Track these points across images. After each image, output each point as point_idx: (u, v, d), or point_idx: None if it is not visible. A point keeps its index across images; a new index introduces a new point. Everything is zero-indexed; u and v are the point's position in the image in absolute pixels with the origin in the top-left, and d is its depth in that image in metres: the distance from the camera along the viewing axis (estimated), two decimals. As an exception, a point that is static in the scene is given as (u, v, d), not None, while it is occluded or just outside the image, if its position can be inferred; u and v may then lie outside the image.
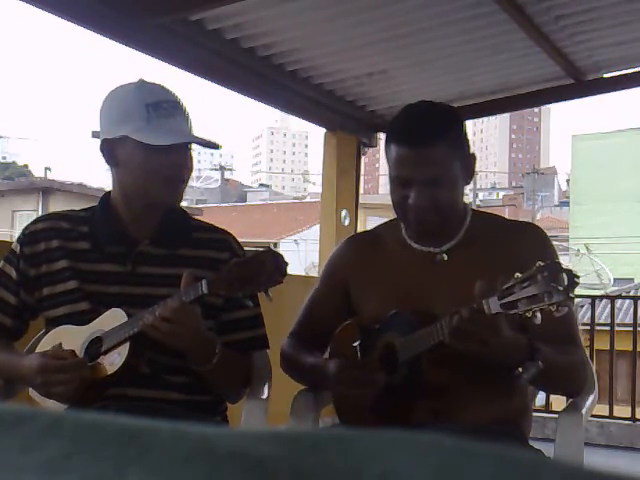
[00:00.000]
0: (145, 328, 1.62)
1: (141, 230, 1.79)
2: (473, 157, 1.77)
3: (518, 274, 1.42)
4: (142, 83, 1.78)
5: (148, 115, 1.70)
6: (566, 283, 1.38)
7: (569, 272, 1.39)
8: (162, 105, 1.72)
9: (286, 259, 1.57)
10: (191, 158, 1.79)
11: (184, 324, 1.60)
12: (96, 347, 1.69)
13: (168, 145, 1.69)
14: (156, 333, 1.61)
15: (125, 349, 1.65)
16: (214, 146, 1.82)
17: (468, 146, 1.77)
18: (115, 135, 1.73)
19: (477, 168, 1.82)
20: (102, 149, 1.76)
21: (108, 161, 1.76)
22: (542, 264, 1.40)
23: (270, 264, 1.53)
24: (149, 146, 1.70)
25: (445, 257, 1.77)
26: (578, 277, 1.40)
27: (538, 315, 1.40)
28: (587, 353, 1.88)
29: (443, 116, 1.75)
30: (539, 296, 1.39)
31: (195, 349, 1.67)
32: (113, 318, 1.69)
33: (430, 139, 1.67)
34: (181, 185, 1.77)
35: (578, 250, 22.87)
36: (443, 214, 1.71)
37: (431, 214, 1.69)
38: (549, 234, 1.87)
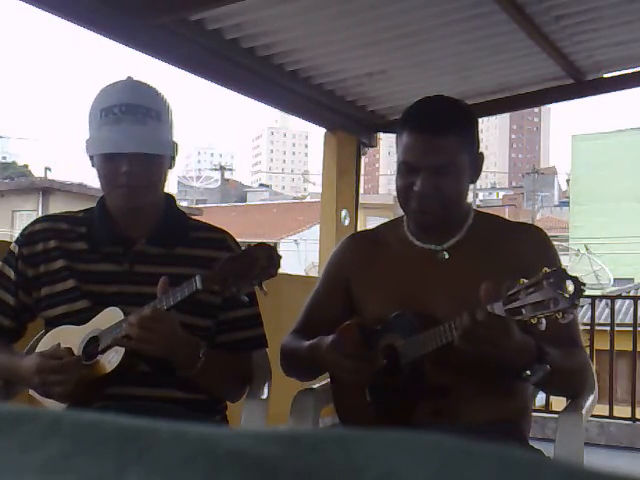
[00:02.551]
0: (117, 340, 1.62)
1: (138, 230, 1.80)
2: (481, 156, 1.78)
3: (524, 280, 1.41)
4: (114, 85, 1.77)
5: (100, 121, 1.70)
6: (572, 290, 1.37)
7: (575, 279, 1.38)
8: (112, 110, 1.69)
9: (280, 254, 1.57)
10: (154, 163, 1.72)
11: (155, 332, 1.59)
12: (94, 346, 1.69)
13: (111, 153, 1.69)
14: (129, 342, 1.61)
15: (122, 348, 1.65)
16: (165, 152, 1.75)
17: (478, 145, 1.77)
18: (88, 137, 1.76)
19: (479, 168, 1.83)
20: (85, 149, 1.78)
21: (90, 162, 1.77)
22: (548, 270, 1.39)
23: (263, 258, 1.53)
24: (97, 154, 1.72)
25: (446, 255, 1.77)
26: (584, 284, 1.39)
27: (543, 321, 1.39)
28: (587, 353, 1.89)
29: (458, 109, 1.77)
30: (544, 303, 1.38)
31: (173, 356, 1.66)
32: (110, 317, 1.69)
33: (442, 128, 1.68)
34: (139, 190, 1.72)
35: (578, 250, 22.87)
36: (446, 206, 1.71)
37: (434, 204, 1.69)
38: (549, 234, 1.87)
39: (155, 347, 1.61)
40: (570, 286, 1.37)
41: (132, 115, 1.69)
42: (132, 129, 1.69)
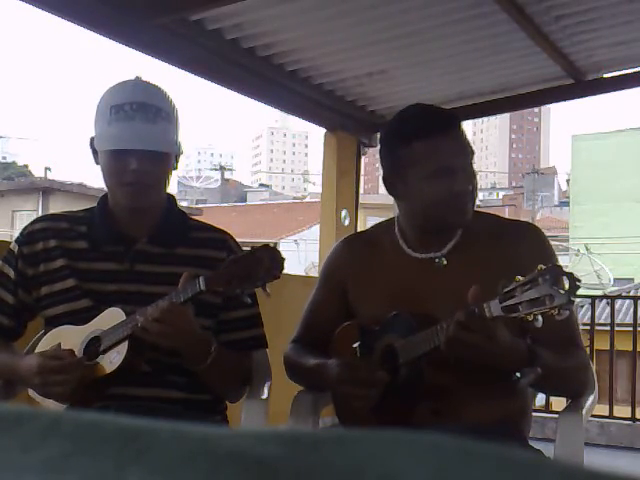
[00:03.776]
0: (136, 330, 1.62)
1: (139, 229, 1.80)
2: None
3: (519, 277, 1.41)
4: (125, 83, 1.78)
5: (110, 118, 1.70)
6: (568, 287, 1.37)
7: (570, 275, 1.38)
8: (123, 108, 1.69)
9: (284, 256, 1.58)
10: (161, 162, 1.73)
11: (174, 325, 1.60)
12: (95, 346, 1.69)
13: (119, 149, 1.69)
14: (147, 334, 1.61)
15: (124, 348, 1.65)
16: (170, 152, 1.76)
17: None
18: (94, 134, 1.76)
19: (477, 168, 1.84)
20: (89, 146, 1.78)
21: (94, 159, 1.77)
22: (543, 267, 1.39)
23: (267, 259, 1.54)
24: (106, 150, 1.72)
25: (444, 261, 1.76)
26: (579, 280, 1.40)
27: (539, 318, 1.39)
28: (587, 353, 1.88)
29: (446, 109, 1.81)
30: (541, 299, 1.38)
31: (188, 349, 1.67)
32: (111, 317, 1.69)
33: (456, 123, 1.70)
34: (145, 189, 1.73)
35: (578, 250, 22.87)
36: (474, 201, 1.73)
37: (472, 201, 1.71)
38: (549, 234, 1.88)
39: (171, 340, 1.62)
40: (565, 282, 1.37)
41: (144, 113, 1.69)
42: (143, 127, 1.69)
